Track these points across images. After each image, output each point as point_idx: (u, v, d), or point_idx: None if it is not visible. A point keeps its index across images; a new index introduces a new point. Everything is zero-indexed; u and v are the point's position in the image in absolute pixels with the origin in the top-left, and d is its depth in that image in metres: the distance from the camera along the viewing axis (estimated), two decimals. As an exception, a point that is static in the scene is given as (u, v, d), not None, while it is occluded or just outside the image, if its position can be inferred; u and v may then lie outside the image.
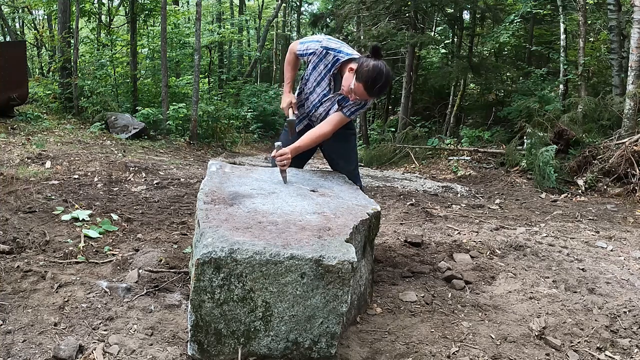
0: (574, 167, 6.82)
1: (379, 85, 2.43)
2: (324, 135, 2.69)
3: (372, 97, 2.52)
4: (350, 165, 2.98)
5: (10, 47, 9.04)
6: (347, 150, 2.97)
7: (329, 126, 2.68)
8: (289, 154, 2.56)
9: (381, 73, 2.40)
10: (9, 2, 14.88)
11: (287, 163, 2.56)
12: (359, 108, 2.68)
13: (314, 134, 2.68)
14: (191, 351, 1.80)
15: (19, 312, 2.07)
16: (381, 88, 2.46)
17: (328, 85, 2.70)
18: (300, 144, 2.66)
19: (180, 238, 3.17)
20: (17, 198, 3.74)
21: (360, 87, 2.44)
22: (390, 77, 2.50)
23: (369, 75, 2.40)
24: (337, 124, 2.69)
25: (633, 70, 7.05)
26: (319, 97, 2.76)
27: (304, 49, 2.72)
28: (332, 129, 2.68)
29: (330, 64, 2.63)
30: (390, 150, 10.66)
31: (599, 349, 2.13)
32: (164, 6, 10.46)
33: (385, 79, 2.43)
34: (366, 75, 2.40)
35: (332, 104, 2.73)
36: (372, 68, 2.40)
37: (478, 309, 2.45)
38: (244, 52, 25.61)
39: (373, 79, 2.40)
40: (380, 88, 2.45)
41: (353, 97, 2.52)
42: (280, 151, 2.55)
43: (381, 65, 2.42)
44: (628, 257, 3.37)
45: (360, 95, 2.48)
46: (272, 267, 1.74)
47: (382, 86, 2.45)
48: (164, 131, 10.15)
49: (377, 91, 2.46)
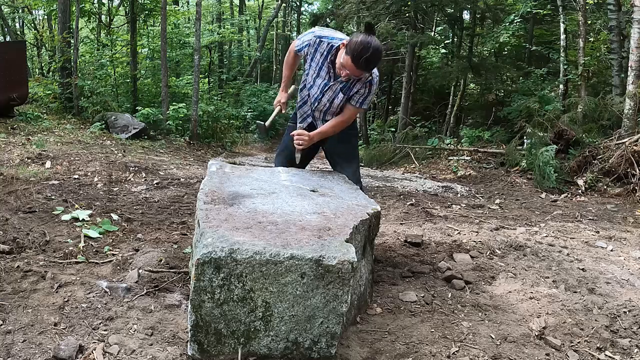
0: (574, 167, 6.82)
1: (366, 56, 2.39)
2: (344, 122, 2.79)
3: (360, 71, 2.48)
4: (352, 165, 2.99)
5: (10, 47, 9.04)
6: (348, 151, 2.98)
7: (344, 116, 2.78)
8: (307, 136, 2.72)
9: (368, 45, 2.39)
10: (9, 2, 14.88)
11: (303, 144, 2.71)
12: (367, 95, 2.70)
13: (333, 122, 2.78)
14: (191, 351, 1.80)
15: (19, 312, 2.07)
16: (368, 60, 2.41)
17: (327, 74, 2.71)
18: (322, 130, 2.78)
19: (180, 238, 3.17)
20: (17, 198, 3.74)
21: (348, 60, 2.44)
22: (380, 51, 2.45)
23: (355, 48, 2.40)
24: (351, 115, 2.80)
25: (633, 70, 7.05)
26: (320, 88, 2.77)
27: (300, 44, 2.77)
28: (348, 118, 2.80)
29: (325, 51, 2.66)
30: (390, 150, 10.66)
31: (599, 349, 2.13)
32: (164, 6, 10.46)
33: (373, 51, 2.40)
34: (353, 47, 2.40)
35: (335, 93, 2.73)
36: (360, 41, 2.40)
37: (478, 309, 2.45)
38: (244, 52, 25.63)
39: (359, 50, 2.39)
40: (366, 60, 2.41)
41: (345, 73, 2.52)
42: (300, 131, 2.73)
43: (370, 39, 2.41)
44: (628, 257, 3.37)
45: (349, 68, 2.47)
46: (272, 267, 1.74)
47: (369, 58, 2.41)
48: (164, 131, 10.15)
49: (364, 63, 2.42)
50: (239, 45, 25.87)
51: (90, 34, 14.78)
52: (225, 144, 11.70)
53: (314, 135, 2.77)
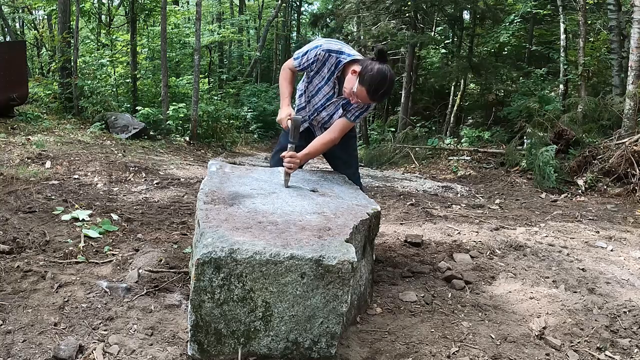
0: (574, 167, 6.82)
1: (383, 90, 2.38)
2: (332, 141, 2.67)
3: (374, 102, 2.50)
4: (351, 168, 2.97)
5: (10, 47, 9.03)
6: (347, 152, 2.95)
7: (335, 133, 2.65)
8: (298, 159, 2.53)
9: (385, 78, 2.35)
10: (9, 2, 14.88)
11: (294, 167, 2.52)
12: (363, 111, 2.64)
13: (322, 140, 2.66)
14: (191, 351, 1.80)
15: (19, 312, 2.07)
16: (384, 93, 2.42)
17: (332, 89, 2.65)
18: (309, 150, 2.65)
19: (180, 238, 3.17)
20: (17, 198, 3.74)
21: (363, 91, 2.39)
22: (393, 81, 2.45)
23: (372, 80, 2.35)
24: (343, 130, 2.67)
25: (633, 70, 7.05)
26: (322, 100, 2.71)
27: (304, 61, 2.63)
28: (339, 136, 2.66)
29: (333, 66, 2.58)
30: (390, 150, 10.66)
31: (599, 349, 2.13)
32: (164, 6, 10.46)
33: (389, 84, 2.39)
34: (370, 79, 2.35)
35: (336, 108, 2.68)
36: (377, 72, 2.34)
37: (478, 309, 2.45)
38: (244, 52, 25.63)
39: (377, 83, 2.35)
40: (383, 93, 2.41)
41: (355, 100, 2.48)
42: (291, 153, 2.49)
43: (386, 70, 2.37)
44: (628, 257, 3.37)
45: (362, 99, 2.44)
46: (272, 267, 1.74)
47: (386, 91, 2.41)
48: (164, 131, 10.15)
49: (381, 96, 2.42)
50: (239, 45, 25.88)
51: (90, 34, 14.78)
52: (225, 144, 11.70)
53: (302, 156, 2.60)
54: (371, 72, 2.35)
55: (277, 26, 25.83)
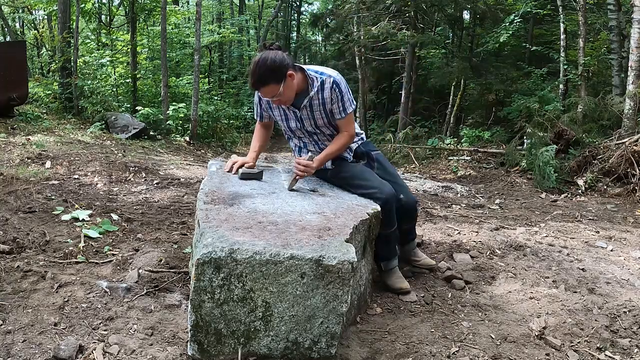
0: (574, 167, 6.82)
1: (252, 74, 2.31)
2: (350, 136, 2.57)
3: (265, 87, 2.33)
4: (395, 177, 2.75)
5: (10, 47, 9.04)
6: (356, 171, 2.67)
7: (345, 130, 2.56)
8: (312, 166, 2.44)
9: (251, 62, 2.32)
10: (9, 2, 14.88)
11: (308, 173, 2.45)
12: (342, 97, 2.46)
13: (339, 141, 2.56)
14: (191, 351, 1.80)
15: (19, 312, 2.07)
16: (254, 75, 2.31)
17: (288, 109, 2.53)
18: (328, 152, 2.54)
19: (180, 238, 3.17)
20: (17, 198, 3.74)
21: (255, 89, 2.40)
22: (264, 61, 2.29)
23: (250, 75, 2.36)
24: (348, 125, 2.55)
25: (633, 70, 7.05)
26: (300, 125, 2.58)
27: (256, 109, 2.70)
28: (350, 130, 2.56)
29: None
30: (390, 150, 10.66)
31: (599, 349, 2.13)
32: (164, 6, 10.47)
33: (255, 67, 2.29)
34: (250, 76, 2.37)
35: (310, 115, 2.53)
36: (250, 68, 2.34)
37: (478, 309, 2.45)
38: (244, 52, 25.63)
39: (250, 75, 2.34)
40: (253, 76, 2.31)
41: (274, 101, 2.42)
42: (307, 162, 2.42)
43: (257, 57, 2.32)
44: (628, 257, 3.37)
45: (262, 94, 2.39)
46: (272, 267, 1.74)
47: (253, 74, 2.30)
48: (164, 131, 10.15)
49: (256, 79, 2.32)
50: (239, 45, 25.87)
51: (91, 34, 14.78)
52: (225, 144, 11.71)
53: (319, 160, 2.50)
54: None
55: (277, 26, 25.84)
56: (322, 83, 2.45)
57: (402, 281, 2.59)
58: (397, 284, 2.58)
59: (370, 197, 2.49)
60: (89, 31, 15.31)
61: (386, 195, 2.46)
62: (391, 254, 2.61)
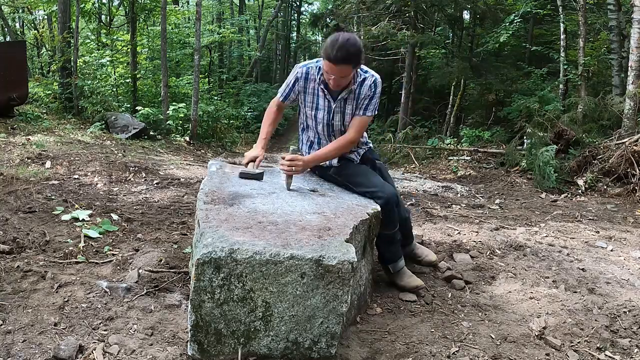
0: (574, 167, 6.81)
1: (337, 47, 2.26)
2: (350, 142, 2.54)
3: (340, 67, 2.31)
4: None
5: (10, 47, 9.03)
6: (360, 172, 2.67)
7: (351, 132, 2.52)
8: (300, 161, 2.41)
9: (337, 37, 2.29)
10: (9, 2, 14.87)
11: (296, 170, 2.42)
12: (371, 99, 2.51)
13: (338, 142, 2.52)
14: (191, 351, 1.80)
15: (19, 312, 2.07)
16: (340, 49, 2.26)
17: (324, 99, 2.55)
18: (320, 153, 2.53)
19: (180, 238, 3.17)
20: (17, 198, 3.74)
21: (325, 62, 2.33)
22: (354, 41, 2.31)
23: (327, 46, 2.32)
24: (359, 128, 2.53)
25: (633, 70, 7.05)
26: (325, 120, 2.58)
27: (285, 88, 2.64)
28: (356, 135, 2.53)
29: (316, 74, 2.53)
30: (390, 150, 10.66)
31: (599, 349, 2.13)
32: (164, 6, 10.46)
33: (344, 41, 2.27)
34: (325, 47, 2.34)
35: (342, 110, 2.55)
36: (330, 39, 2.32)
37: (478, 309, 2.45)
38: (244, 52, 25.65)
39: (330, 46, 2.29)
40: (339, 50, 2.26)
41: (332, 80, 2.38)
42: (292, 156, 2.40)
43: (339, 33, 2.33)
44: (628, 257, 3.37)
45: (329, 69, 2.33)
46: (272, 267, 1.74)
47: (341, 47, 2.26)
48: (164, 131, 10.15)
49: (338, 55, 2.27)
50: (239, 45, 25.89)
51: (91, 34, 14.78)
52: (225, 144, 11.70)
53: (309, 159, 2.48)
54: (326, 43, 2.35)
55: (277, 26, 25.86)
56: (363, 80, 2.51)
57: (414, 279, 2.60)
58: (411, 283, 2.58)
59: (372, 195, 2.50)
60: (89, 31, 15.31)
61: (387, 194, 2.47)
62: (396, 255, 2.61)
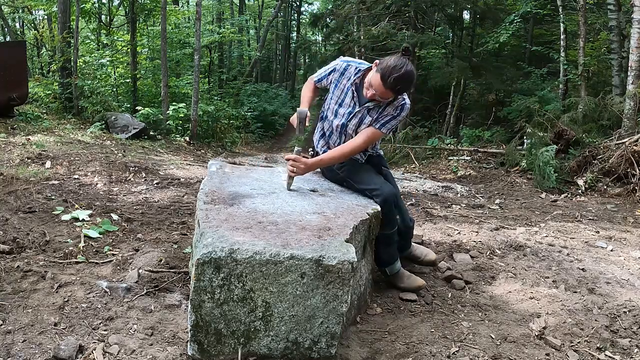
0: (574, 167, 6.81)
1: (396, 75, 2.26)
2: (354, 149, 2.51)
3: (387, 91, 2.32)
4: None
5: (10, 47, 9.03)
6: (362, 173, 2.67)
7: (358, 141, 2.50)
8: (303, 164, 2.40)
9: (402, 66, 2.27)
10: (9, 2, 14.88)
11: (297, 172, 2.42)
12: (392, 119, 2.49)
13: (343, 148, 2.50)
14: (191, 351, 1.80)
15: (19, 312, 2.07)
16: (397, 80, 2.27)
17: (352, 100, 2.54)
18: (324, 157, 2.52)
19: (180, 238, 3.17)
20: (17, 198, 3.74)
21: (377, 78, 2.31)
22: (412, 75, 2.32)
23: (388, 66, 2.29)
24: (368, 139, 2.51)
25: (633, 70, 7.05)
26: (344, 117, 2.57)
27: (323, 72, 2.67)
28: (362, 144, 2.50)
29: (352, 74, 2.53)
30: (390, 150, 10.65)
31: (599, 349, 2.13)
32: (164, 6, 10.46)
33: (405, 73, 2.27)
34: (385, 65, 2.30)
35: (362, 118, 2.54)
36: (394, 60, 2.30)
37: (478, 309, 2.45)
38: (244, 52, 25.65)
39: (391, 69, 2.27)
40: (395, 79, 2.26)
41: (371, 94, 2.37)
42: (295, 156, 2.39)
43: (404, 61, 2.30)
44: (628, 257, 3.37)
45: (376, 87, 2.32)
46: (272, 267, 1.74)
47: (398, 78, 2.26)
48: (164, 131, 10.15)
49: (393, 82, 2.27)
50: (239, 45, 25.89)
51: (91, 34, 14.78)
52: (225, 144, 11.70)
53: (312, 162, 2.46)
54: (389, 60, 2.32)
55: (277, 26, 25.85)
56: (394, 99, 2.47)
57: (415, 279, 2.60)
58: (413, 283, 2.58)
59: (371, 193, 2.51)
60: (89, 31, 15.32)
61: (386, 194, 2.47)
62: (393, 257, 2.61)
